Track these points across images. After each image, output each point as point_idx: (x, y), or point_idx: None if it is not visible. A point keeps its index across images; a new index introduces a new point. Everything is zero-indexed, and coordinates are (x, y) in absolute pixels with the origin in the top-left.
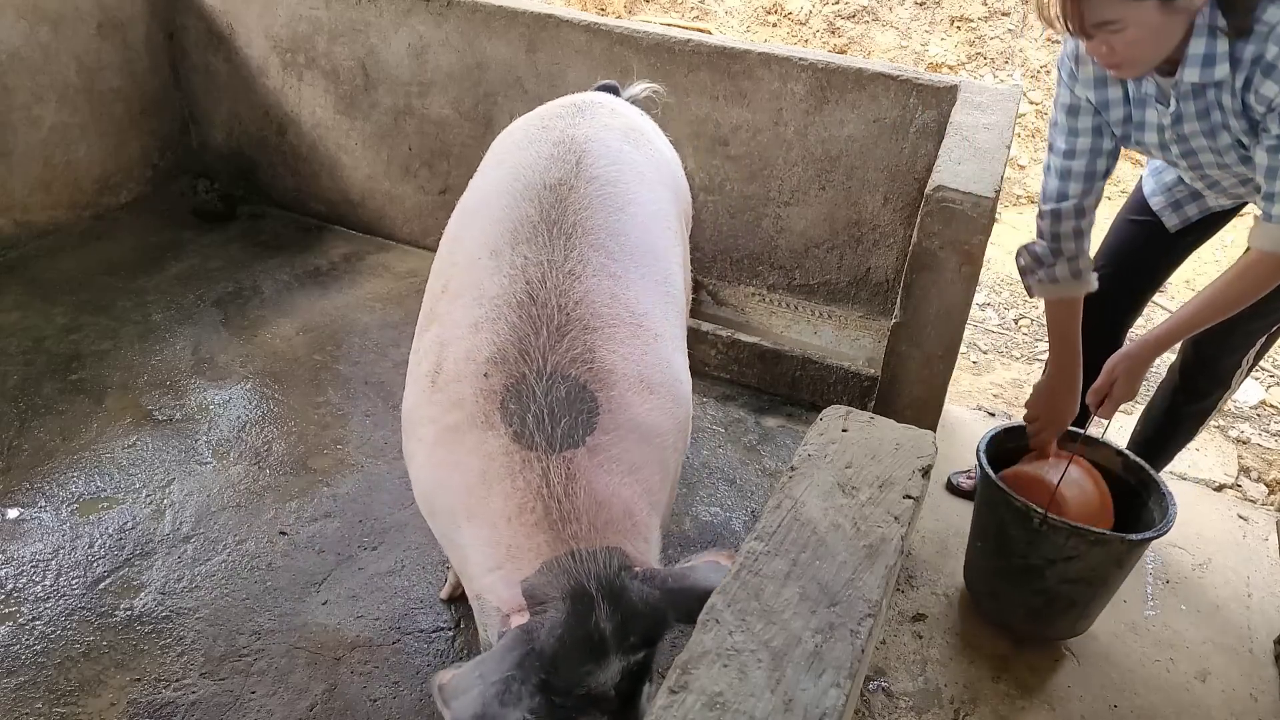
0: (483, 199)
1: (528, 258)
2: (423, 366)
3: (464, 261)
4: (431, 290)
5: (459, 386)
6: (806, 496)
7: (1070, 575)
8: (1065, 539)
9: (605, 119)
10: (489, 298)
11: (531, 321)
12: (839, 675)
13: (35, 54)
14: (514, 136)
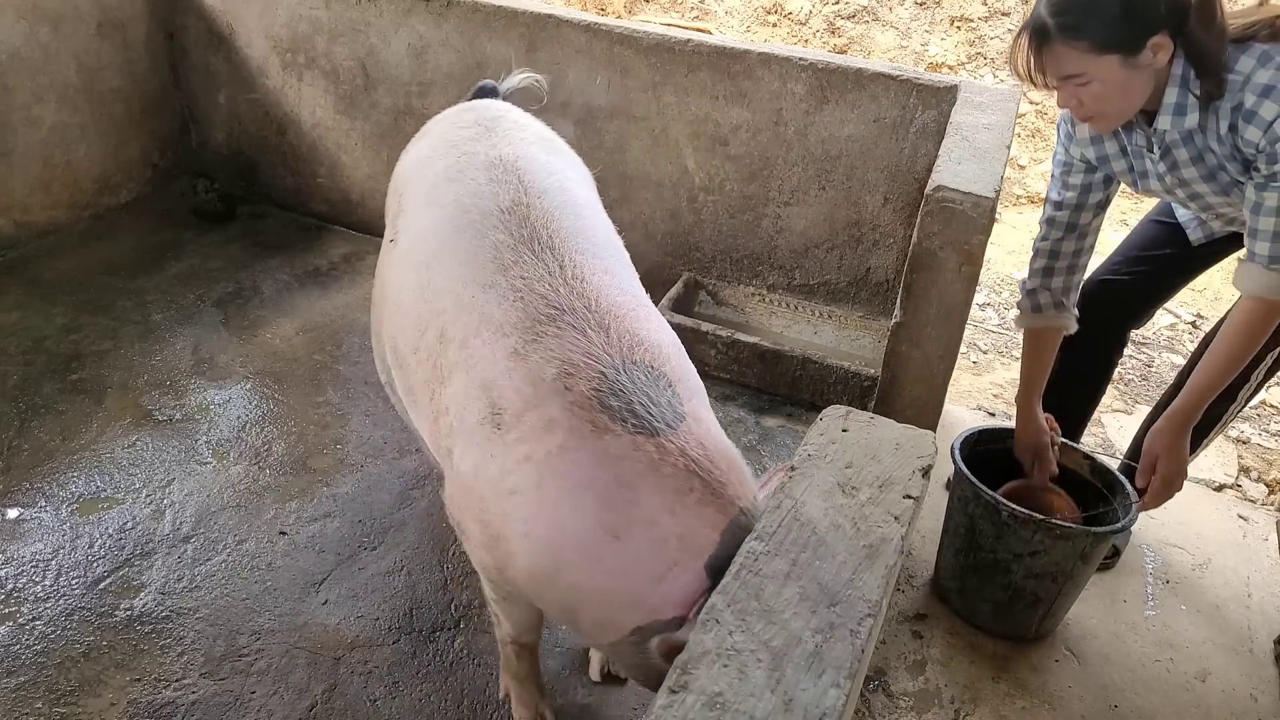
0: (437, 240)
1: (525, 278)
2: (469, 420)
3: (454, 305)
4: (419, 346)
5: (540, 411)
6: (806, 496)
7: (1036, 570)
8: (1032, 533)
9: (519, 134)
10: (512, 324)
11: (573, 327)
12: (839, 675)
13: (35, 54)
14: (433, 169)
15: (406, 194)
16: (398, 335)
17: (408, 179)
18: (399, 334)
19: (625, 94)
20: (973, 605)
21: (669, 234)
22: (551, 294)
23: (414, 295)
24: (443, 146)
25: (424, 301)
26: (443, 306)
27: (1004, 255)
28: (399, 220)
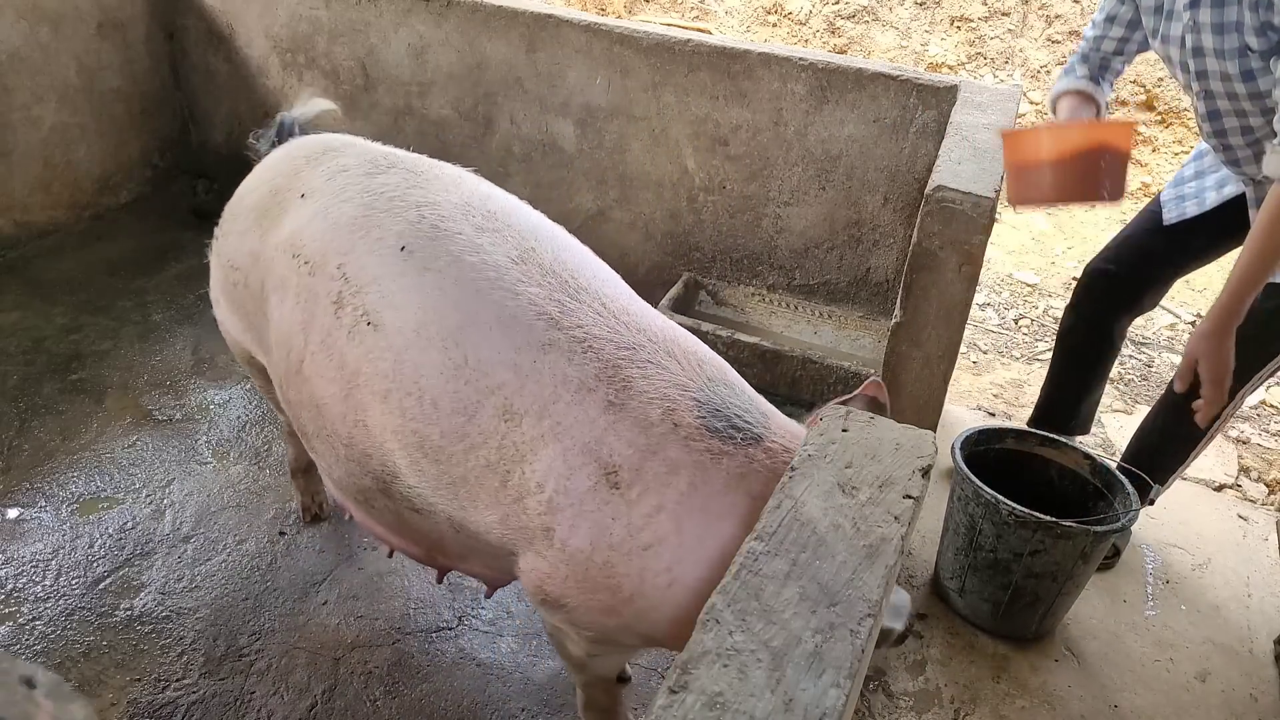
0: (458, 310)
1: (582, 325)
2: (577, 489)
3: (514, 376)
4: (467, 433)
5: (659, 456)
6: (806, 496)
7: (1036, 569)
8: (1032, 533)
9: (443, 169)
10: (593, 376)
11: (650, 363)
12: (839, 675)
13: (35, 54)
14: (382, 231)
15: (348, 267)
16: (410, 428)
17: (326, 251)
18: (415, 426)
19: (625, 94)
20: (973, 605)
21: (669, 234)
22: (614, 335)
23: (441, 379)
24: (362, 204)
25: (463, 382)
26: (498, 381)
27: (1004, 255)
28: (354, 299)
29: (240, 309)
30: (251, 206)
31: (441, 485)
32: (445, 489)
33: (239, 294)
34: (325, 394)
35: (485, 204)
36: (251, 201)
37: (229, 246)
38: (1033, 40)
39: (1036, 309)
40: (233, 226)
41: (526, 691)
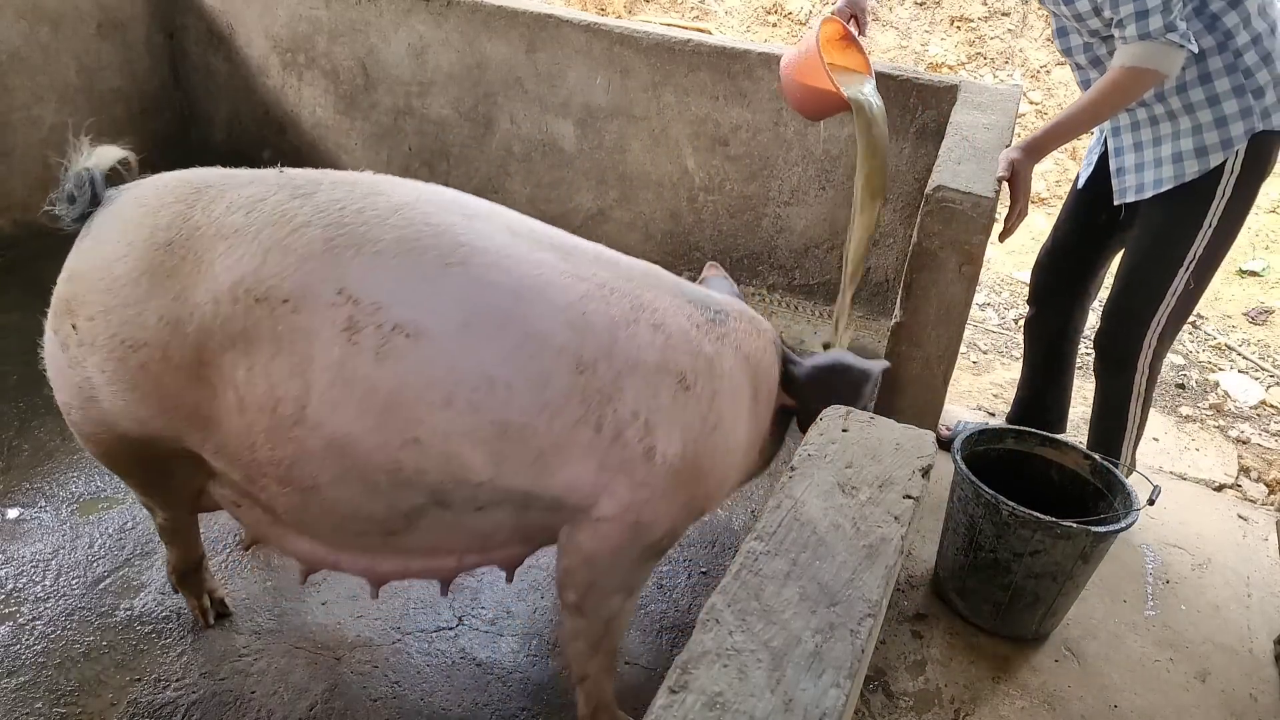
0: (497, 305)
1: (595, 280)
2: (665, 400)
3: (573, 335)
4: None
5: (703, 351)
6: (806, 496)
7: (1036, 570)
8: (1032, 533)
9: (394, 186)
10: (630, 311)
11: (654, 289)
12: (839, 675)
13: (35, 54)
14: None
15: (353, 289)
16: (487, 421)
17: (310, 283)
18: (492, 418)
19: (625, 94)
20: (973, 605)
21: (669, 234)
22: (622, 277)
23: (507, 362)
24: (325, 225)
25: (528, 356)
26: (560, 343)
27: (1004, 255)
28: (373, 319)
29: (155, 389)
30: (134, 270)
31: (525, 464)
32: (529, 466)
33: (151, 372)
34: (353, 429)
35: (442, 195)
36: (130, 266)
37: (112, 324)
38: (1033, 40)
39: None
40: (109, 300)
41: (526, 691)
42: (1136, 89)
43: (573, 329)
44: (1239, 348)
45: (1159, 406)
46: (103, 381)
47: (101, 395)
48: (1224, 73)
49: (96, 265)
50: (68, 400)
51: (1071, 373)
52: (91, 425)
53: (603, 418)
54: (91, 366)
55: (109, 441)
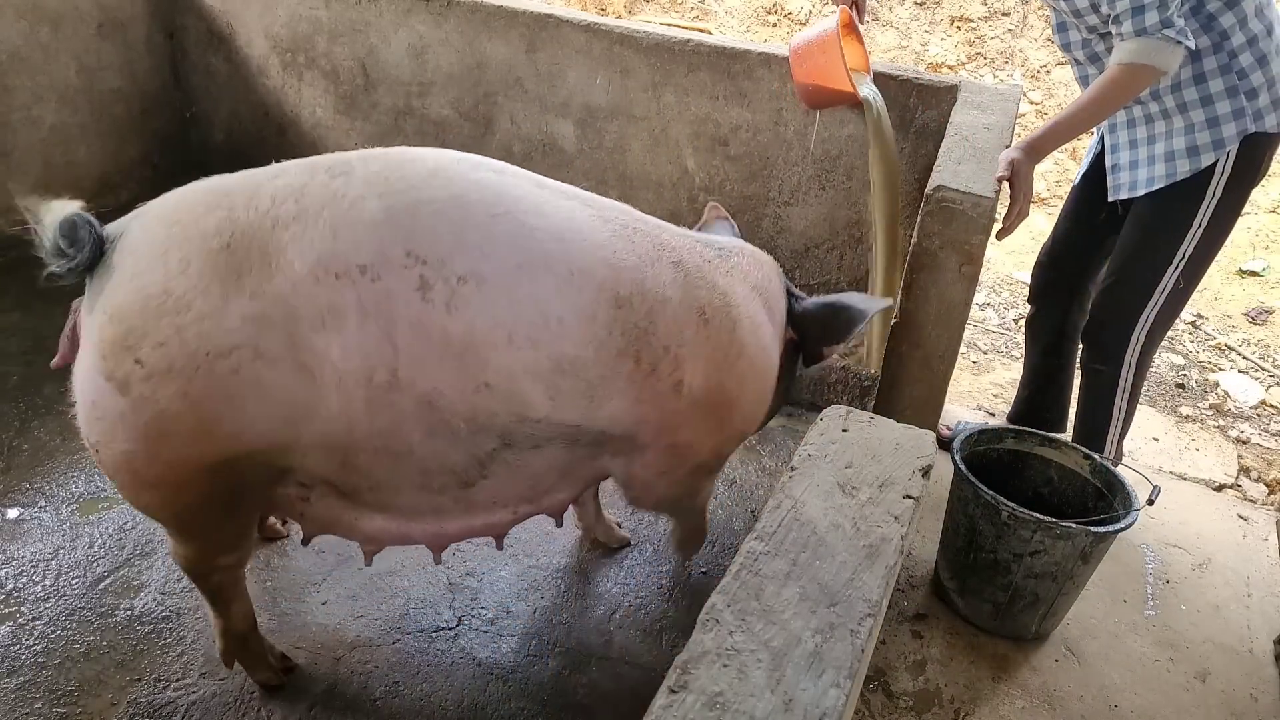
0: (544, 247)
1: (619, 222)
2: (689, 333)
3: (610, 272)
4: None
5: (719, 286)
6: (806, 496)
7: (1036, 570)
8: (1031, 533)
9: (420, 155)
10: (653, 250)
11: (665, 230)
12: (839, 675)
13: (35, 54)
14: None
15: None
16: (544, 355)
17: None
18: (548, 351)
19: (625, 94)
20: (973, 605)
21: None
22: (640, 220)
23: (560, 296)
24: (377, 195)
25: (576, 291)
26: (600, 279)
27: (1004, 255)
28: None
29: (253, 391)
30: (199, 281)
31: (577, 397)
32: (580, 399)
33: (245, 375)
34: (438, 382)
35: (467, 157)
36: (193, 279)
37: (190, 341)
38: (1033, 40)
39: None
40: (180, 319)
41: (526, 692)
42: (1135, 86)
43: (609, 266)
44: (1239, 348)
45: (1159, 406)
46: (185, 406)
47: (182, 424)
48: (1218, 73)
49: (150, 293)
50: (131, 448)
51: (1071, 372)
52: (162, 467)
53: (641, 350)
54: (169, 395)
55: (184, 479)
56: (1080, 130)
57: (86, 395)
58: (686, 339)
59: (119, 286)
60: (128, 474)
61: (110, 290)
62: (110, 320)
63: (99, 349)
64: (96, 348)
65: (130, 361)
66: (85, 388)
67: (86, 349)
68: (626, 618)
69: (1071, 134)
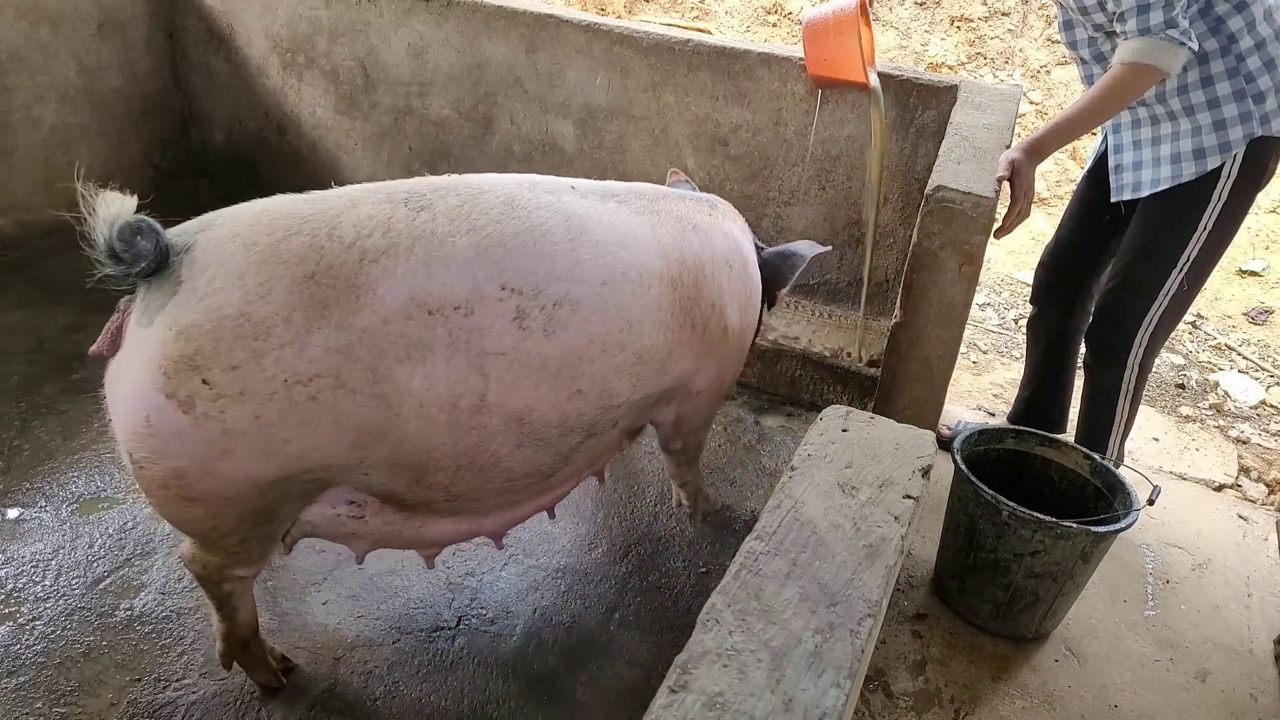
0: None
1: (655, 214)
2: (725, 284)
3: (661, 262)
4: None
5: (731, 236)
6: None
7: (1036, 570)
8: (1032, 533)
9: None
10: (676, 227)
11: (670, 198)
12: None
13: (35, 54)
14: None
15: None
16: (628, 355)
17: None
18: (632, 350)
19: (625, 94)
20: (973, 605)
21: None
22: (654, 199)
23: (637, 301)
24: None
25: (645, 289)
26: (658, 272)
27: (1004, 255)
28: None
29: (328, 417)
30: (282, 309)
31: (653, 375)
32: (656, 376)
33: (323, 402)
34: (531, 400)
35: (523, 180)
36: (275, 305)
37: (268, 366)
38: (1033, 40)
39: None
40: (259, 345)
41: (527, 691)
42: (1137, 86)
43: (660, 256)
44: (1239, 348)
45: (1159, 406)
46: (254, 428)
47: (246, 445)
48: (1225, 76)
49: (225, 314)
50: (183, 465)
51: (1073, 373)
52: (214, 484)
53: (694, 316)
54: (238, 417)
55: (233, 496)
56: (1083, 130)
57: (137, 410)
58: (723, 289)
59: (188, 304)
60: (173, 490)
61: (177, 306)
62: (176, 337)
63: (159, 365)
64: (156, 363)
65: (197, 381)
66: (136, 403)
67: (139, 362)
68: (626, 618)
69: (1074, 134)
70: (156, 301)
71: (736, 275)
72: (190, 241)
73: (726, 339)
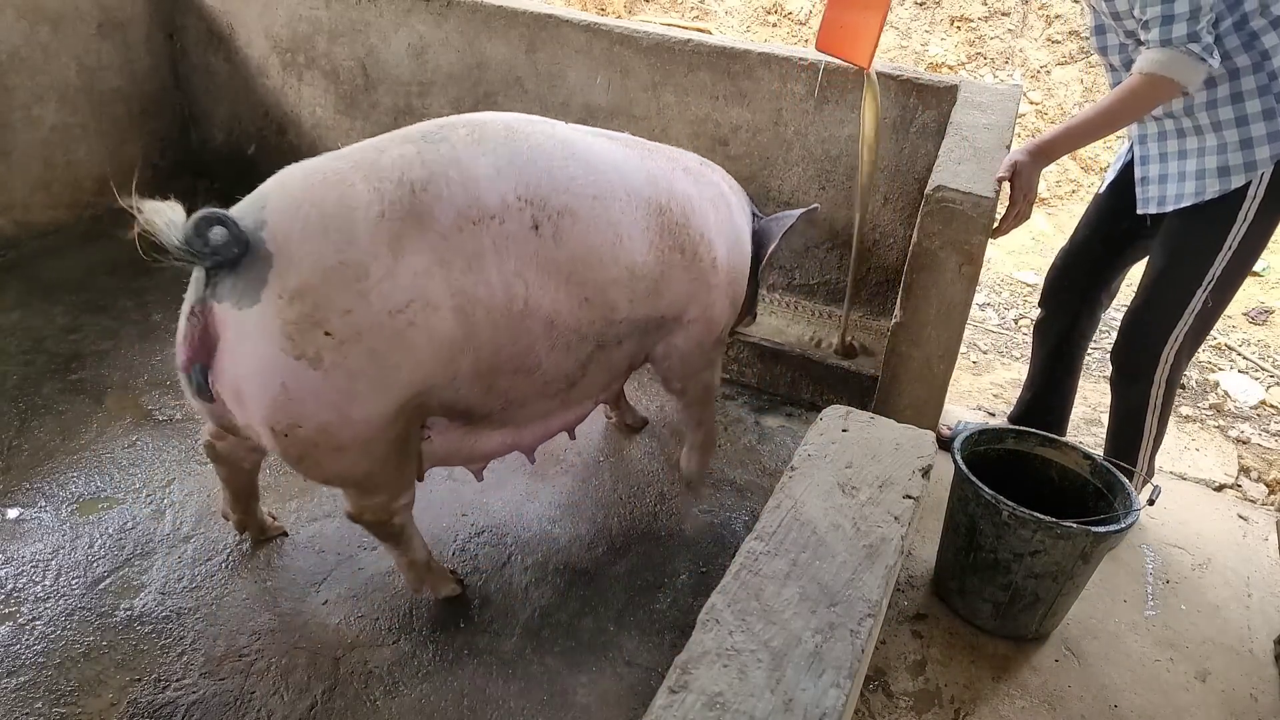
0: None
1: (646, 148)
2: (713, 218)
3: (654, 191)
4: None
5: (722, 181)
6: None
7: (1036, 570)
8: (1032, 533)
9: (487, 116)
10: (668, 167)
11: (668, 144)
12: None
13: (35, 54)
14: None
15: (526, 193)
16: (624, 263)
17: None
18: (627, 260)
19: (625, 94)
20: (973, 605)
21: None
22: (654, 146)
23: (632, 216)
24: (483, 152)
25: (634, 208)
26: (647, 196)
27: (1004, 255)
28: (544, 210)
29: (425, 337)
30: (370, 250)
31: (648, 294)
32: (650, 295)
33: (420, 324)
34: (556, 303)
35: (517, 115)
36: (363, 249)
37: (374, 303)
38: (1033, 40)
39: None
40: (364, 284)
41: (527, 691)
42: (1153, 97)
43: (649, 182)
44: (1239, 348)
45: None
46: (371, 364)
47: (368, 382)
48: (1256, 94)
49: (327, 266)
50: (326, 418)
51: (1077, 377)
52: (354, 428)
53: (684, 242)
54: (358, 357)
55: (371, 434)
56: (1093, 138)
57: (272, 382)
58: (710, 223)
59: (290, 269)
60: (323, 446)
61: (279, 274)
62: (291, 301)
63: (283, 331)
64: (279, 331)
65: (320, 334)
66: (269, 376)
67: (260, 338)
68: (626, 618)
69: (1084, 140)
70: (251, 280)
71: (723, 216)
72: (259, 218)
73: (717, 271)
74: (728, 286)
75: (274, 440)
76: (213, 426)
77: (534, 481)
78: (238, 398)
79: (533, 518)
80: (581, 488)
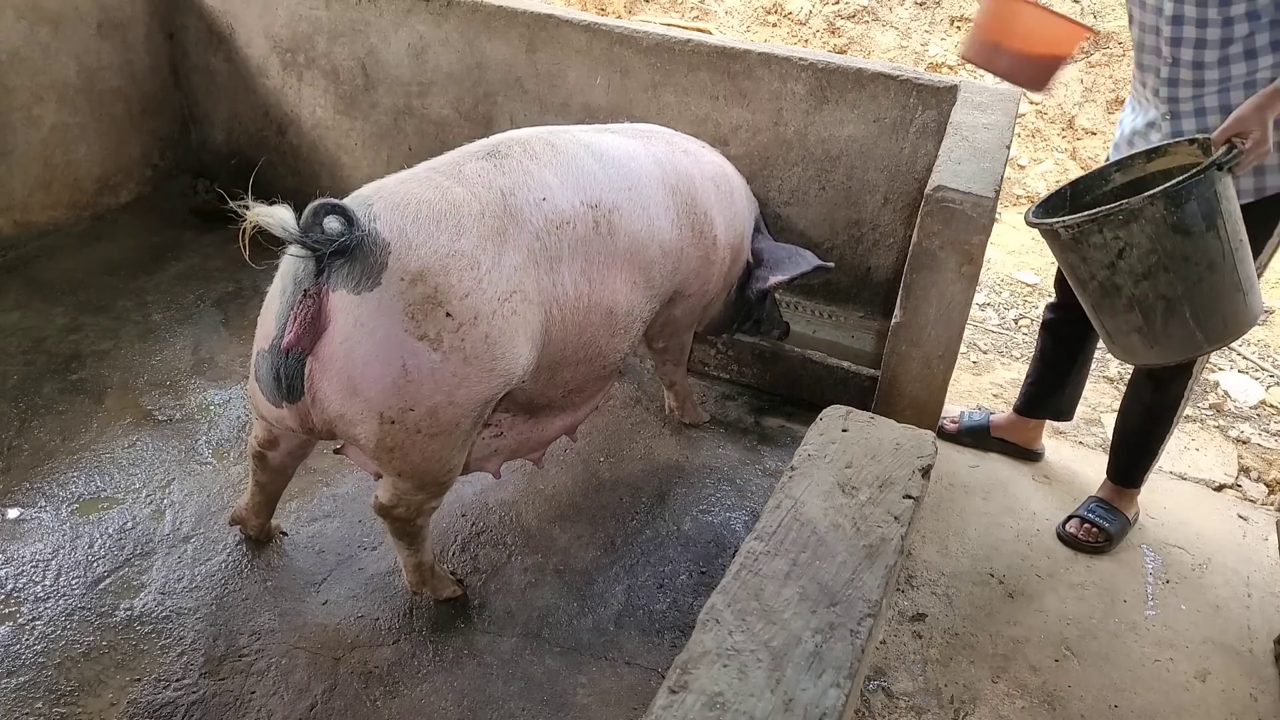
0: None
1: (662, 138)
2: (714, 199)
3: (669, 180)
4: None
5: (722, 165)
6: (806, 496)
7: (1138, 270)
8: (1099, 232)
9: (541, 132)
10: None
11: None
12: (839, 675)
13: (35, 54)
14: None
15: (589, 197)
16: (656, 241)
17: (571, 203)
18: (660, 240)
19: (625, 94)
20: (1129, 346)
21: None
22: (651, 131)
23: (661, 205)
24: (547, 163)
25: (656, 193)
26: (660, 177)
27: (1004, 255)
28: (602, 210)
29: (522, 326)
30: (478, 242)
31: (670, 270)
32: (673, 272)
33: (520, 314)
34: (615, 293)
35: (549, 129)
36: (474, 240)
37: (486, 289)
38: None
39: (1036, 309)
40: (477, 272)
41: (526, 691)
42: None
43: (659, 167)
44: (1239, 348)
45: None
46: (484, 348)
47: (478, 366)
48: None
49: (446, 252)
50: (437, 402)
51: (1087, 369)
52: (455, 411)
53: (694, 220)
54: (474, 340)
55: (465, 420)
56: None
57: (393, 364)
58: (712, 201)
59: (410, 253)
60: (424, 432)
61: (399, 258)
62: (413, 283)
63: (406, 312)
64: (402, 312)
65: (441, 315)
66: (390, 358)
67: (380, 321)
68: (626, 618)
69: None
70: (369, 266)
71: (723, 194)
72: (370, 212)
73: (716, 248)
74: (721, 263)
75: (378, 427)
76: (264, 435)
77: (534, 482)
78: (350, 384)
79: (532, 518)
80: (581, 488)
